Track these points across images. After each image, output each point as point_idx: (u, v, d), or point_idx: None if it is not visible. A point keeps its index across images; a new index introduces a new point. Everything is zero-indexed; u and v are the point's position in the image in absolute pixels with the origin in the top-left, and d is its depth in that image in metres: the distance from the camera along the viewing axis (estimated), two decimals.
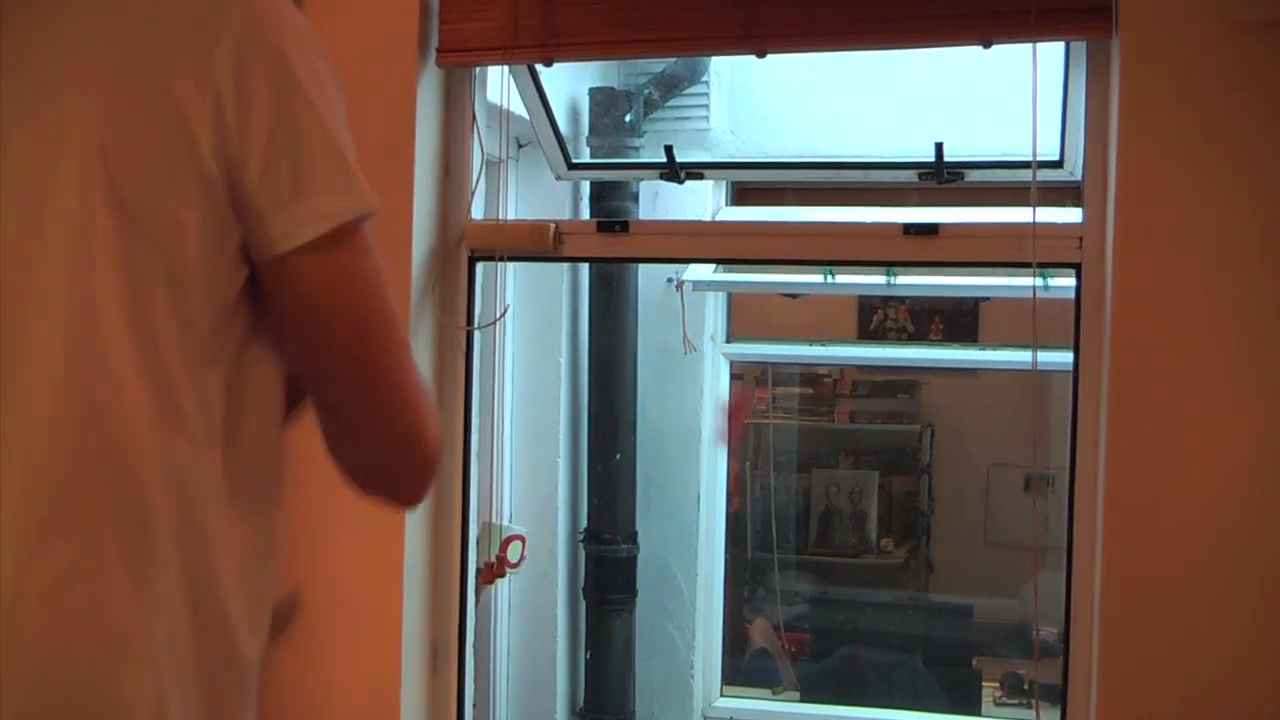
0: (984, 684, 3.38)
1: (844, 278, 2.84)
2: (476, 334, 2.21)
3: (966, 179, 2.22)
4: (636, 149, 2.82)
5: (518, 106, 2.29)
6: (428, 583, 2.14)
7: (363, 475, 1.01)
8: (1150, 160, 1.75)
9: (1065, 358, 1.95)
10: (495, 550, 2.32)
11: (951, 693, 3.42)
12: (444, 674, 2.16)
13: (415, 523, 2.09)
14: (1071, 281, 1.93)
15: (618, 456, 2.93)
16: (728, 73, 2.96)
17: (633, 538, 2.96)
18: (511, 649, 2.82)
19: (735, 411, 3.40)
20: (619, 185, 2.82)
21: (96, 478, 0.89)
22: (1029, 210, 1.87)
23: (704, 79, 2.93)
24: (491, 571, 2.22)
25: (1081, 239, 1.90)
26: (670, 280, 3.03)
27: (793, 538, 4.08)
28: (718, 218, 2.95)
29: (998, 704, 3.30)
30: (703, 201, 2.92)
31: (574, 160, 2.51)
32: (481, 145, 2.16)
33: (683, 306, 3.00)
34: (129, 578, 0.89)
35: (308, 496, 1.42)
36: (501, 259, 2.17)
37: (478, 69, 2.16)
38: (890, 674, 3.57)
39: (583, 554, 2.97)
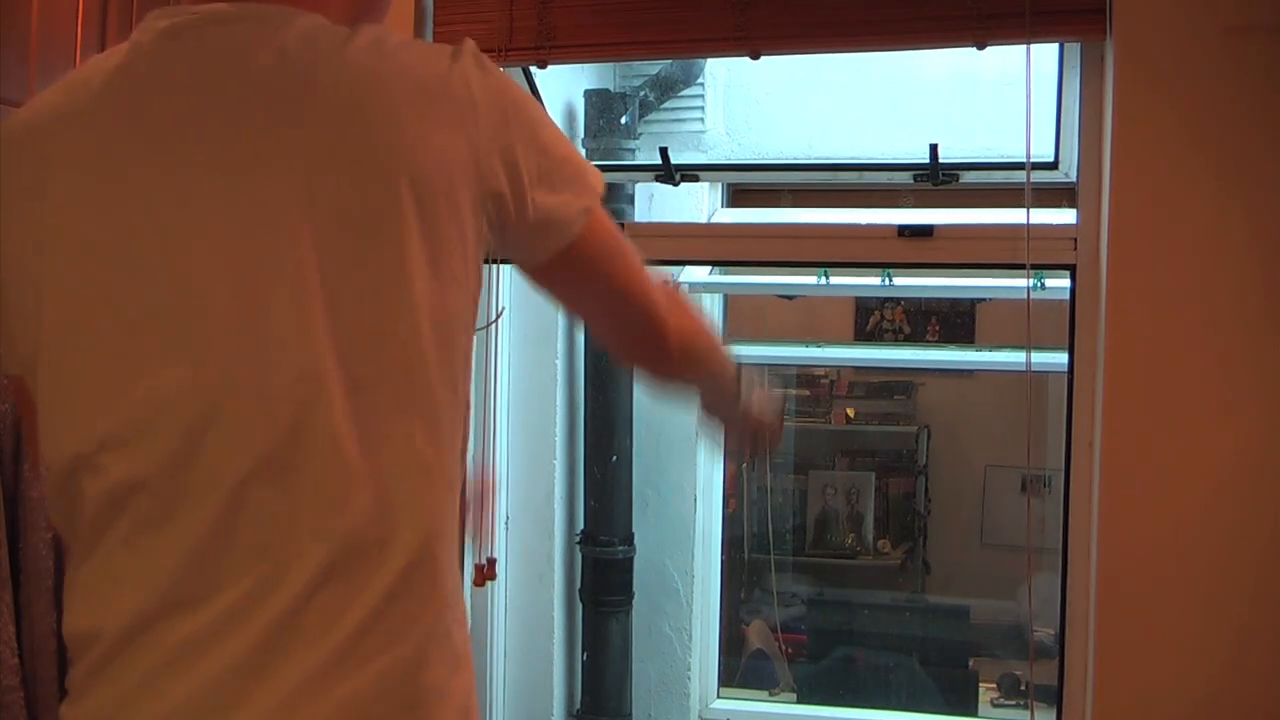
0: (981, 685, 3.39)
1: (840, 279, 2.84)
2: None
3: (961, 181, 2.23)
4: (632, 151, 2.82)
5: None
6: None
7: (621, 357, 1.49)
8: (1144, 161, 1.76)
9: (1061, 359, 1.95)
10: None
11: (948, 694, 3.42)
12: None
13: None
14: (1066, 283, 1.93)
15: (614, 458, 2.93)
16: (723, 75, 2.96)
17: (629, 539, 2.96)
18: (508, 650, 2.82)
19: None
20: (614, 187, 2.82)
21: None
22: (1023, 212, 1.87)
23: (699, 81, 2.93)
24: (483, 574, 2.22)
25: (1076, 240, 1.90)
26: (666, 282, 3.03)
27: (789, 539, 4.08)
28: (713, 220, 2.95)
29: (994, 705, 3.30)
30: (698, 203, 2.92)
31: None
32: None
33: None
34: None
35: None
36: (497, 261, 2.17)
37: None
38: (887, 675, 3.57)
39: (579, 556, 2.96)
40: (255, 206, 0.92)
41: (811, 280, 2.84)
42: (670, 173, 2.37)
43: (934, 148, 2.17)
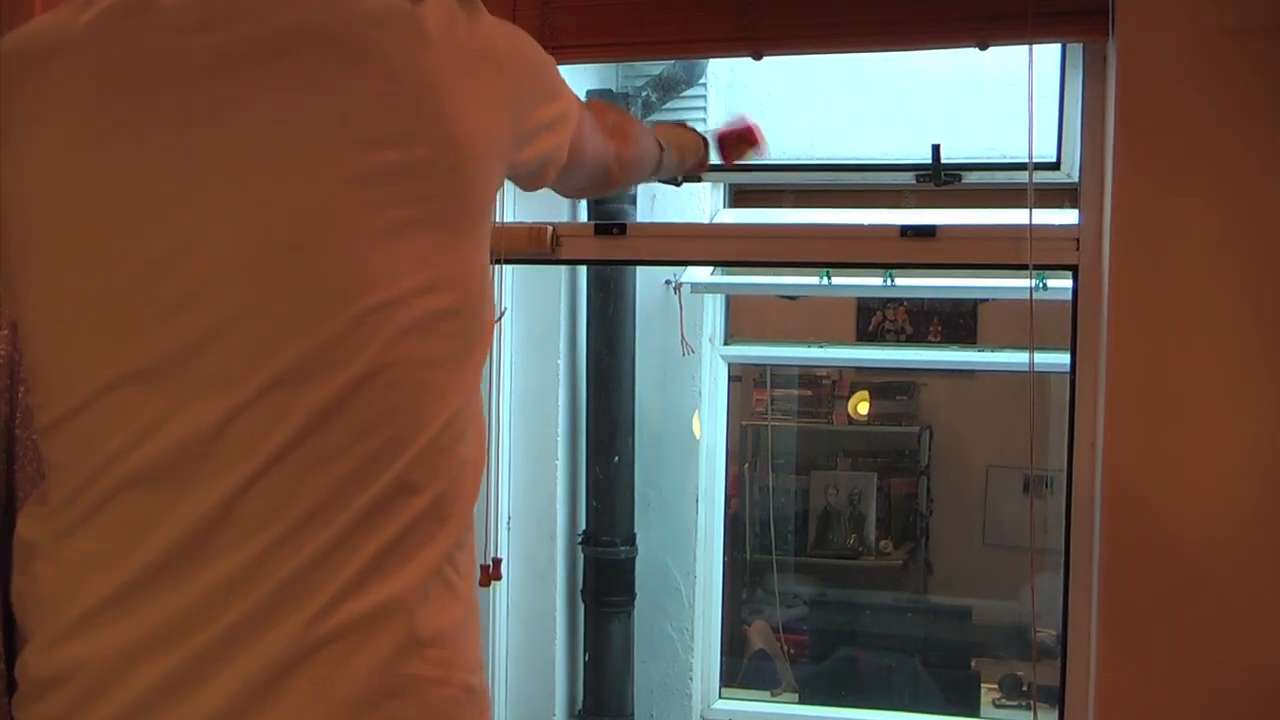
0: (982, 685, 3.39)
1: (842, 280, 2.84)
2: None
3: (964, 181, 2.23)
4: None
5: None
6: None
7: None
8: (1147, 162, 1.75)
9: (1063, 359, 1.95)
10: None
11: (950, 694, 3.42)
12: None
13: None
14: (1069, 283, 1.93)
15: (616, 459, 2.93)
16: (725, 75, 2.97)
17: (631, 540, 2.96)
18: (510, 651, 2.82)
19: None
20: None
21: None
22: (1026, 212, 1.87)
23: (702, 81, 2.94)
24: (488, 574, 2.22)
25: (1078, 241, 1.90)
26: (668, 282, 3.03)
27: (791, 539, 4.08)
28: (715, 220, 2.95)
29: (996, 705, 3.30)
30: (700, 204, 2.92)
31: None
32: None
33: (680, 309, 3.00)
34: None
35: None
36: (500, 261, 2.17)
37: None
38: (889, 676, 3.58)
39: (581, 556, 2.97)
40: (279, 156, 0.91)
41: (813, 281, 2.84)
42: None
43: (936, 148, 2.17)
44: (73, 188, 0.92)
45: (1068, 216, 1.95)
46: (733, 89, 2.98)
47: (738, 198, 3.01)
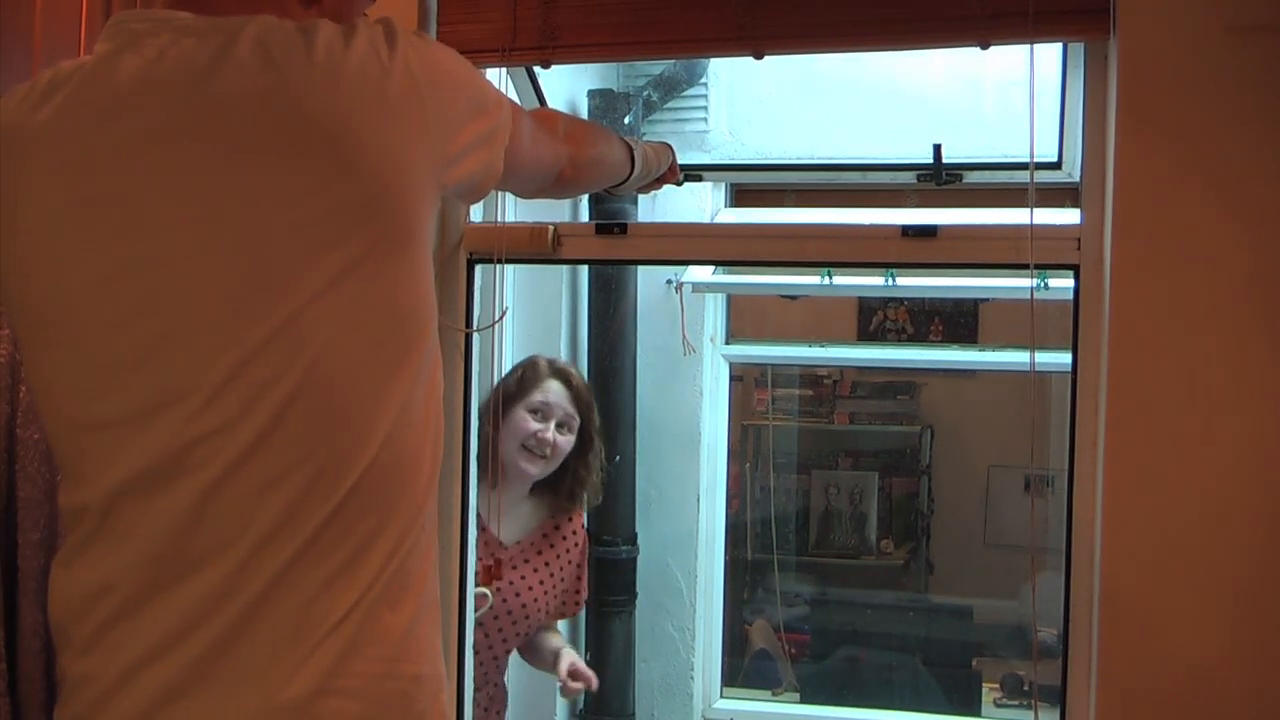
0: (984, 685, 3.39)
1: (843, 279, 2.84)
2: (475, 336, 2.21)
3: (965, 181, 2.22)
4: None
5: None
6: None
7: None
8: (1148, 161, 1.75)
9: (1064, 359, 1.95)
10: None
11: (951, 694, 3.42)
12: None
13: None
14: (1070, 283, 1.93)
15: (617, 458, 2.93)
16: (726, 75, 2.96)
17: (633, 539, 2.96)
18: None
19: None
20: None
21: None
22: (1027, 212, 1.87)
23: (702, 81, 2.94)
24: (489, 573, 2.22)
25: (1080, 240, 1.90)
26: (669, 282, 3.03)
27: (792, 539, 4.08)
28: (716, 219, 2.95)
29: (997, 705, 3.30)
30: (701, 203, 2.92)
31: None
32: None
33: (682, 308, 3.00)
34: None
35: None
36: (500, 261, 2.17)
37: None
38: (890, 675, 3.58)
39: None
40: (232, 219, 0.99)
41: (815, 280, 2.84)
42: None
43: (937, 148, 2.17)
44: (50, 261, 1.03)
45: (1069, 216, 1.95)
46: (733, 88, 2.98)
47: (739, 197, 3.01)
